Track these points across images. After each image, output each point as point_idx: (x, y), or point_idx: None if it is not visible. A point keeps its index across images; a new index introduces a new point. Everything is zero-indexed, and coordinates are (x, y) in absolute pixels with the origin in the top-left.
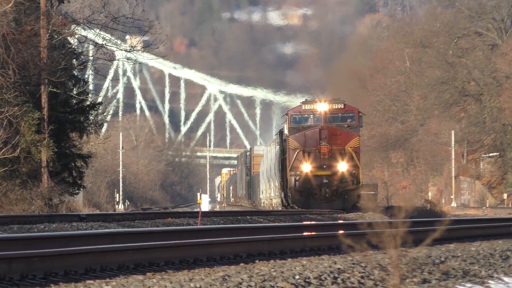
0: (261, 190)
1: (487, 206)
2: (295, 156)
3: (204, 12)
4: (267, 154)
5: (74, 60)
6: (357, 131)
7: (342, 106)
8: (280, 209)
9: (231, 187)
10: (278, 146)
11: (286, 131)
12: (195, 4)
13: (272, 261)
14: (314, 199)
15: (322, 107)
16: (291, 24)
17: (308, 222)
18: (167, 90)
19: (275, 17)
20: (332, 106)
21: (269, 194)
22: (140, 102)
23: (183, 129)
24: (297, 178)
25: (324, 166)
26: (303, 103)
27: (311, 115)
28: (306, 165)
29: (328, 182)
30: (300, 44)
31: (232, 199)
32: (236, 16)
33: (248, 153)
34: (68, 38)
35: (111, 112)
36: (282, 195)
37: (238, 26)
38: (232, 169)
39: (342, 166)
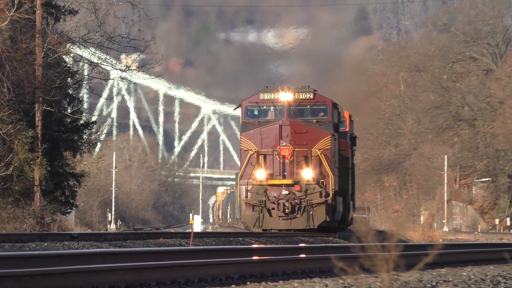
0: None
1: (479, 231)
2: (247, 159)
3: (201, 32)
4: None
5: (69, 78)
6: (329, 128)
7: (312, 96)
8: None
9: (228, 207)
10: None
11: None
12: (192, 24)
13: (263, 283)
14: (270, 215)
15: (285, 96)
16: (285, 44)
17: (302, 245)
18: (161, 109)
19: (270, 38)
20: (298, 96)
21: None
22: (134, 122)
23: (177, 149)
24: (248, 188)
25: (285, 173)
26: (262, 91)
27: (271, 107)
28: (260, 172)
29: (288, 193)
30: (295, 64)
31: (229, 220)
32: (231, 37)
33: None
34: (63, 56)
35: (105, 131)
36: None
37: (233, 46)
38: (228, 187)
39: (307, 174)
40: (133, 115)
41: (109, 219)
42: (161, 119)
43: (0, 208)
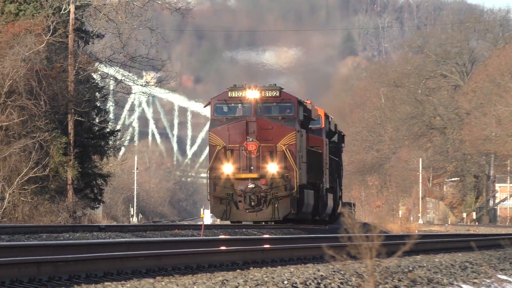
0: None
1: (449, 223)
2: (215, 154)
3: (210, 53)
4: None
5: (97, 93)
6: (294, 124)
7: (278, 94)
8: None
9: None
10: None
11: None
12: (202, 46)
13: (264, 268)
14: (237, 208)
15: (252, 94)
16: (283, 63)
17: (297, 236)
18: (175, 119)
19: (269, 57)
20: (264, 94)
21: None
22: (152, 130)
23: (189, 153)
24: (216, 182)
25: (251, 168)
26: (230, 89)
27: (239, 105)
28: (227, 166)
29: (254, 187)
30: (291, 80)
31: None
32: (236, 56)
33: None
34: (92, 74)
35: (127, 138)
36: None
37: (237, 65)
38: None
39: (272, 168)
40: (151, 124)
41: (132, 213)
42: (175, 127)
43: (38, 203)
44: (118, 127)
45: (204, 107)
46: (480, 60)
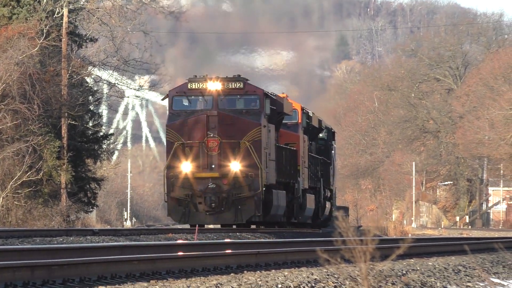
0: None
1: (442, 227)
2: (172, 151)
3: (203, 56)
4: None
5: (90, 97)
6: (259, 119)
7: (242, 86)
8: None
9: None
10: None
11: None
12: (195, 50)
13: (258, 272)
14: (196, 210)
15: (214, 86)
16: (275, 66)
17: (291, 239)
18: None
19: (262, 60)
20: (227, 86)
21: None
22: (146, 133)
23: None
24: (174, 181)
25: (212, 166)
26: (190, 80)
27: (200, 97)
28: (186, 164)
29: (215, 187)
30: (284, 84)
31: None
32: (228, 60)
33: None
34: (85, 78)
35: (121, 141)
36: None
37: (230, 69)
38: None
39: (235, 166)
40: (145, 128)
41: (125, 217)
42: None
43: (32, 207)
44: (111, 131)
45: (162, 100)
46: (473, 63)
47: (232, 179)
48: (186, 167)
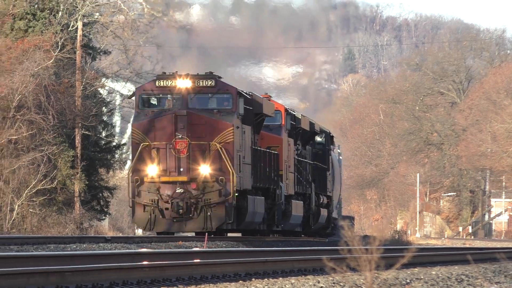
0: None
1: (446, 237)
2: (138, 153)
3: (213, 68)
4: None
5: (104, 107)
6: (232, 119)
7: (213, 84)
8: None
9: None
10: None
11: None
12: (205, 62)
13: (266, 279)
14: (163, 216)
15: (183, 83)
16: (283, 79)
17: (298, 248)
18: None
19: (269, 73)
20: (198, 83)
21: None
22: None
23: None
24: (139, 186)
25: (180, 169)
26: (158, 77)
27: (168, 96)
28: (152, 168)
29: (183, 192)
30: (291, 97)
31: None
32: (237, 72)
33: None
34: (99, 89)
35: None
36: None
37: (238, 80)
38: None
39: (205, 170)
40: None
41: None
42: None
43: (46, 215)
44: (123, 141)
45: (129, 98)
46: (477, 78)
47: (201, 183)
48: (152, 170)
